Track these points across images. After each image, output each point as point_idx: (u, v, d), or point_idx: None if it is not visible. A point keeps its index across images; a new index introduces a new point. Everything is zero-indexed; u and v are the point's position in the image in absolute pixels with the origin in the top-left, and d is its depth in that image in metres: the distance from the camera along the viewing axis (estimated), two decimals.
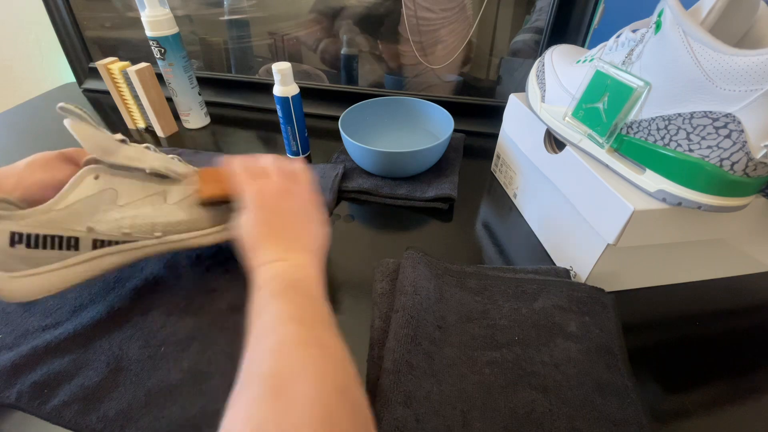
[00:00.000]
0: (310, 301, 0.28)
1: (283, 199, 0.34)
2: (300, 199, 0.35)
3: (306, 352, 0.23)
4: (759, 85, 0.26)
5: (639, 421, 0.29)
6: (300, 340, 0.24)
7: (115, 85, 0.64)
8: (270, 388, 0.21)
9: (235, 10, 0.73)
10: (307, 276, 0.30)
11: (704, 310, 0.39)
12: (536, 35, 0.61)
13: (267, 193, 0.34)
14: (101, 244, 0.34)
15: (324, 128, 0.68)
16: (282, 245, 0.31)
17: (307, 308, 0.27)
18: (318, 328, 0.26)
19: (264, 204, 0.33)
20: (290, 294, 0.27)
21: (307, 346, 0.23)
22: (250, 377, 0.22)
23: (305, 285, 0.29)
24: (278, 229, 0.32)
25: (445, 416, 0.29)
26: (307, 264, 0.31)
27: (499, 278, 0.39)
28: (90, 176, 0.33)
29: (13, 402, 0.31)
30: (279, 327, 0.24)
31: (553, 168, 0.42)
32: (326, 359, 0.24)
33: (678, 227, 0.34)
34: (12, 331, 0.36)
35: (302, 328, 0.25)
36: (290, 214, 0.34)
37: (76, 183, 0.32)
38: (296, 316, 0.25)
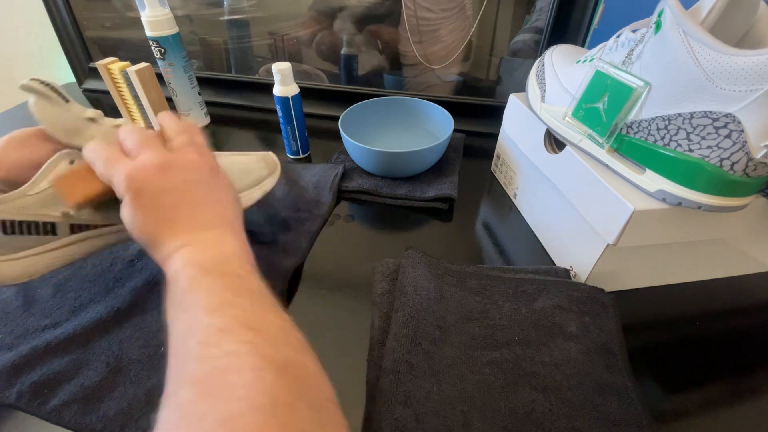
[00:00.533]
0: (230, 280, 0.25)
1: (162, 175, 0.28)
2: (182, 167, 0.29)
3: (233, 341, 0.21)
4: (759, 85, 0.26)
5: (639, 421, 0.29)
6: (224, 330, 0.21)
7: (115, 85, 0.64)
8: (199, 389, 0.19)
9: (235, 10, 0.73)
10: (221, 253, 0.26)
11: (704, 310, 0.39)
12: (536, 35, 0.61)
13: (143, 172, 0.28)
14: (79, 228, 0.33)
15: (324, 128, 0.68)
16: (180, 229, 0.27)
17: (228, 290, 0.24)
18: (245, 308, 0.23)
19: (139, 190, 0.28)
20: (204, 282, 0.24)
21: (234, 334, 0.21)
22: (176, 384, 0.20)
23: (222, 265, 0.25)
24: (168, 211, 0.28)
25: (445, 416, 0.29)
26: (218, 240, 0.27)
27: (499, 278, 0.39)
28: (65, 161, 0.31)
29: (13, 402, 0.31)
30: (199, 322, 0.22)
31: (553, 168, 0.42)
32: (257, 340, 0.21)
33: (678, 227, 0.34)
34: (12, 331, 0.36)
35: (225, 317, 0.22)
36: (176, 189, 0.28)
37: (50, 168, 0.31)
38: (216, 304, 0.23)
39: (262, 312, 0.24)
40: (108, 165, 0.29)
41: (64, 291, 0.40)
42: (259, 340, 0.21)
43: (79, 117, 0.32)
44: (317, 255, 0.45)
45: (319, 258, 0.45)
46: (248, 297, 0.24)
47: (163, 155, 0.29)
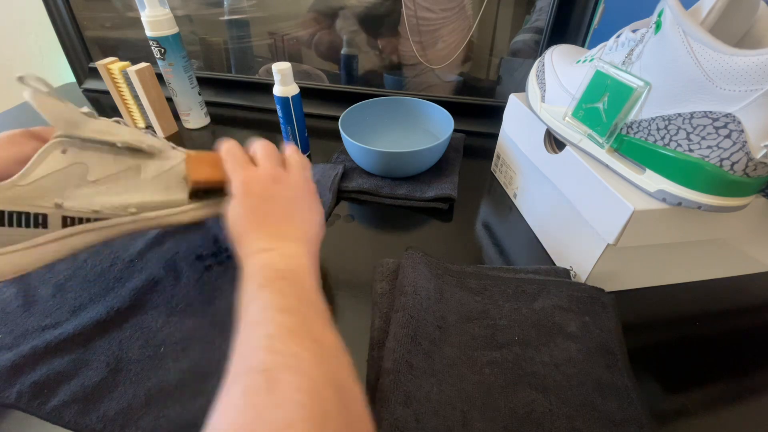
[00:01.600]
0: (301, 291, 0.27)
1: (271, 186, 0.33)
2: (290, 186, 0.34)
3: (298, 344, 0.22)
4: (759, 85, 0.26)
5: (639, 421, 0.29)
6: (291, 331, 0.23)
7: (115, 85, 0.64)
8: (261, 381, 0.20)
9: (235, 10, 0.73)
10: (298, 266, 0.29)
11: (704, 310, 0.39)
12: (536, 35, 0.61)
13: (254, 181, 0.33)
14: (71, 221, 0.32)
15: (324, 128, 0.68)
16: (270, 234, 0.30)
17: (299, 299, 0.26)
18: (310, 320, 0.25)
19: (251, 192, 0.32)
20: (279, 284, 0.26)
21: (299, 338, 0.23)
22: (240, 371, 0.21)
23: (296, 275, 0.28)
24: (266, 217, 0.32)
25: (445, 416, 0.29)
26: (298, 253, 0.30)
27: (499, 278, 0.39)
28: (57, 150, 0.31)
29: (13, 402, 0.31)
30: (269, 319, 0.24)
31: (553, 168, 0.42)
32: (319, 352, 0.23)
33: (678, 227, 0.34)
34: (11, 331, 0.36)
35: (293, 319, 0.24)
36: (279, 201, 0.33)
37: (42, 157, 0.30)
38: (286, 306, 0.25)
39: (323, 326, 0.25)
40: (236, 165, 0.34)
41: (64, 291, 0.40)
42: (320, 352, 0.23)
43: (77, 111, 0.32)
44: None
45: (319, 258, 0.44)
46: (313, 309, 0.26)
47: (278, 171, 0.35)
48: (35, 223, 0.31)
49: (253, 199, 0.32)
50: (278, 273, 0.27)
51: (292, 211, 0.33)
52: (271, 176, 0.34)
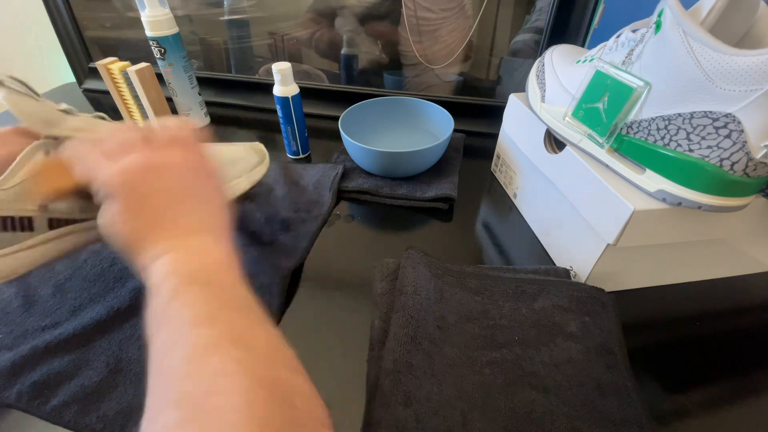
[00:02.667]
0: (218, 291, 0.23)
1: (154, 175, 0.27)
2: (179, 169, 0.28)
3: (220, 358, 0.19)
4: (759, 85, 0.26)
5: (639, 421, 0.29)
6: (211, 344, 0.20)
7: (115, 85, 0.64)
8: (185, 412, 0.17)
9: (235, 10, 0.73)
10: (208, 262, 0.25)
11: (704, 310, 0.39)
12: (536, 35, 0.61)
13: (130, 174, 0.27)
14: (58, 223, 0.31)
15: (324, 128, 0.68)
16: (166, 233, 0.26)
17: (217, 302, 0.22)
18: (234, 323, 0.22)
19: (129, 188, 0.26)
20: (191, 290, 0.22)
21: (221, 351, 0.20)
22: (159, 405, 0.19)
23: (208, 273, 0.24)
24: (155, 214, 0.26)
25: (445, 416, 0.29)
26: (205, 247, 0.26)
27: (499, 278, 0.39)
28: (39, 151, 0.30)
29: (13, 402, 0.31)
30: (184, 336, 0.20)
31: (553, 168, 0.42)
32: (248, 358, 0.20)
33: (678, 227, 0.34)
34: (11, 332, 0.36)
35: (212, 330, 0.21)
36: (168, 191, 0.27)
37: (25, 160, 0.29)
38: (201, 317, 0.21)
39: (250, 327, 0.22)
40: (89, 166, 0.28)
41: (64, 291, 0.40)
42: (248, 358, 0.20)
43: (53, 110, 0.31)
44: (317, 255, 0.45)
45: (319, 258, 0.45)
46: (236, 310, 0.23)
47: (146, 157, 0.28)
48: (21, 227, 0.30)
49: (133, 197, 0.26)
50: (185, 278, 0.23)
51: (186, 198, 0.28)
52: (151, 164, 0.27)
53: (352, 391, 0.32)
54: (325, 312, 0.39)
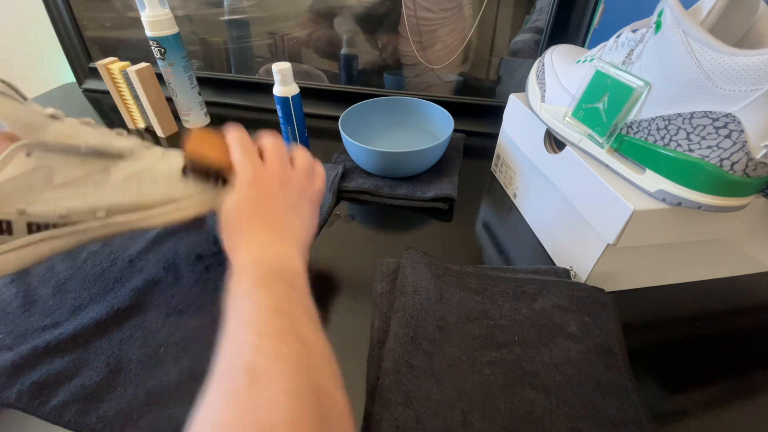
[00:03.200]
0: (294, 292, 0.27)
1: (278, 185, 0.33)
2: (295, 188, 0.34)
3: (286, 346, 0.22)
4: (759, 85, 0.26)
5: (639, 421, 0.29)
6: (281, 332, 0.23)
7: (115, 85, 0.64)
8: (246, 380, 0.20)
9: (235, 10, 0.73)
10: (292, 267, 0.29)
11: (704, 310, 0.39)
12: (536, 35, 0.61)
13: (263, 175, 0.32)
14: (37, 227, 0.31)
15: (324, 128, 0.68)
16: (269, 232, 0.30)
17: (291, 300, 0.26)
18: (301, 322, 0.25)
19: (258, 185, 0.32)
20: (273, 283, 0.26)
21: (288, 340, 0.23)
22: (225, 369, 0.22)
23: (290, 276, 0.28)
24: (269, 215, 0.31)
25: (445, 416, 0.29)
26: (293, 256, 0.30)
27: (499, 278, 0.39)
28: (21, 153, 0.29)
29: (13, 402, 0.31)
30: (260, 317, 0.23)
31: (553, 168, 0.42)
32: (307, 356, 0.23)
33: (678, 227, 0.34)
34: (11, 332, 0.36)
35: (284, 320, 0.24)
36: (283, 202, 0.32)
37: (6, 161, 0.29)
38: (279, 307, 0.24)
39: (314, 332, 0.25)
40: (245, 155, 0.33)
41: (64, 291, 0.40)
42: (306, 354, 0.23)
43: (38, 113, 0.31)
44: (317, 255, 0.45)
45: (319, 258, 0.44)
46: (305, 314, 0.26)
47: (287, 171, 0.34)
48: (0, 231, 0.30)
49: (258, 193, 0.31)
50: (273, 272, 0.27)
51: (293, 214, 0.33)
52: (279, 175, 0.33)
53: (352, 391, 0.32)
54: (325, 312, 0.39)
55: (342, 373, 0.34)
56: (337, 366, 0.24)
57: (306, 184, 0.35)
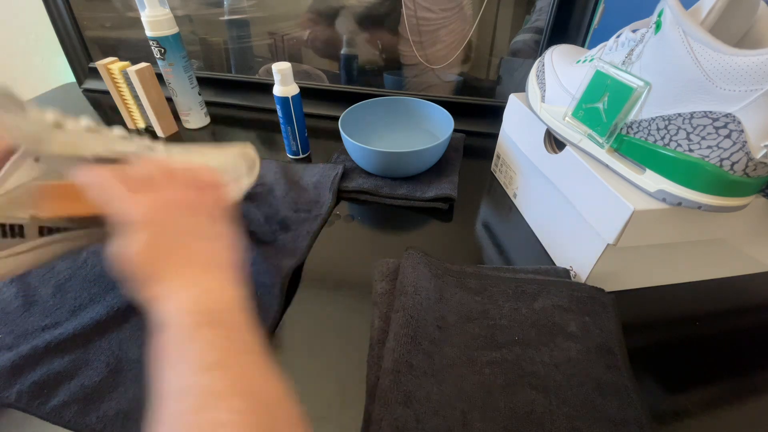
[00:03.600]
0: (232, 335, 0.24)
1: (178, 212, 0.28)
2: (201, 209, 0.30)
3: (225, 410, 0.20)
4: (759, 85, 0.26)
5: (639, 421, 0.29)
6: (218, 393, 0.20)
7: (115, 85, 0.64)
8: None
9: (235, 10, 0.73)
10: (225, 301, 0.25)
11: (704, 310, 0.39)
12: (536, 35, 0.61)
13: (156, 208, 0.27)
14: (48, 231, 0.32)
15: (324, 128, 0.68)
16: (182, 269, 0.26)
17: (229, 346, 0.23)
18: (245, 369, 0.22)
19: (154, 220, 0.27)
20: (204, 333, 0.23)
21: (226, 400, 0.20)
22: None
23: (223, 315, 0.24)
24: (174, 250, 0.27)
25: (445, 416, 0.29)
26: (218, 285, 0.26)
27: (499, 278, 0.39)
28: (29, 158, 0.30)
29: (12, 402, 0.31)
30: (192, 382, 0.21)
31: (553, 168, 0.42)
32: (249, 409, 0.21)
33: (678, 227, 0.34)
34: (11, 332, 0.36)
35: (222, 376, 0.21)
36: (187, 229, 0.28)
37: (15, 167, 0.29)
38: (214, 362, 0.22)
39: (258, 375, 0.23)
40: (111, 196, 0.28)
41: (64, 291, 0.40)
42: (250, 410, 0.20)
43: (40, 123, 0.30)
44: (317, 255, 0.45)
45: (319, 258, 0.45)
46: (246, 354, 0.23)
47: (171, 195, 0.29)
48: (11, 234, 0.30)
49: (157, 229, 0.27)
50: (202, 317, 0.23)
51: (202, 236, 0.28)
52: (177, 201, 0.29)
53: (352, 391, 0.32)
54: (325, 312, 0.39)
55: (342, 373, 0.34)
56: (293, 405, 0.22)
57: (203, 199, 0.31)
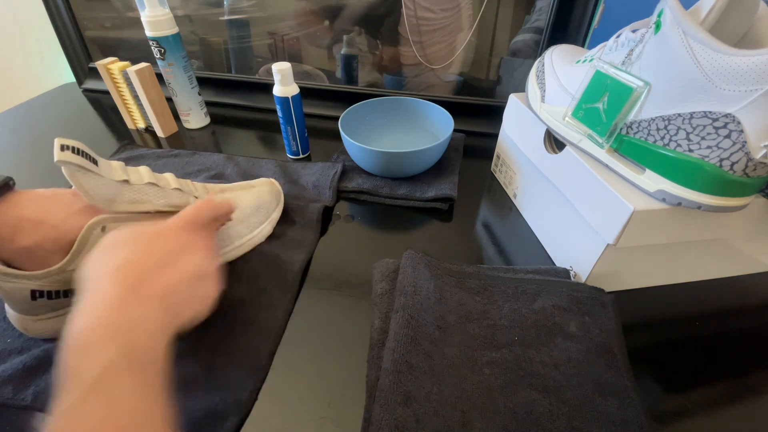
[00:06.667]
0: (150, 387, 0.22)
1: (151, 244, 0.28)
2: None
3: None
4: (759, 85, 0.26)
5: (639, 421, 0.29)
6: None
7: (115, 85, 0.64)
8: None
9: (235, 10, 0.73)
10: (155, 346, 0.24)
11: (704, 310, 0.39)
12: (536, 35, 0.61)
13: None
14: None
15: (324, 128, 0.68)
16: (133, 299, 0.24)
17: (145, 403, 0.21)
18: None
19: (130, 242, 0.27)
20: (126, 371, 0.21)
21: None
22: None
23: (149, 362, 0.23)
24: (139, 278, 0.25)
25: (444, 416, 0.29)
26: (163, 327, 0.25)
27: (498, 278, 0.39)
28: (96, 230, 0.32)
29: (29, 403, 0.31)
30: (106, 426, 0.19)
31: (553, 168, 0.42)
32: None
33: (678, 227, 0.34)
34: (20, 335, 0.35)
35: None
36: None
37: (85, 240, 0.31)
38: None
39: None
40: None
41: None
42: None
43: (112, 181, 0.33)
44: (317, 255, 0.45)
45: (319, 258, 0.45)
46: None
47: None
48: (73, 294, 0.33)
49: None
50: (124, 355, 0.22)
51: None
52: None
53: (352, 391, 0.32)
54: (325, 312, 0.39)
55: (342, 373, 0.34)
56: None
57: None
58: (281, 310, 0.38)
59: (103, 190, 0.32)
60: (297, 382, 0.33)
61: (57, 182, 0.34)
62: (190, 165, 0.57)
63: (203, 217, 0.33)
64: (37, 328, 0.34)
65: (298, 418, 0.31)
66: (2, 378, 0.32)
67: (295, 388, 0.33)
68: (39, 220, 0.31)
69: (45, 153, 0.38)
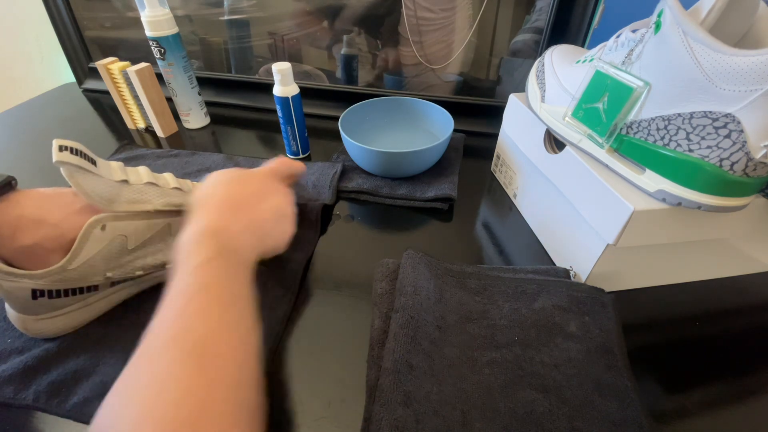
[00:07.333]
0: (241, 276, 0.28)
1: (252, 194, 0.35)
2: (273, 198, 0.36)
3: (230, 317, 0.25)
4: (759, 85, 0.26)
5: (639, 421, 0.29)
6: (225, 304, 0.25)
7: (115, 85, 0.64)
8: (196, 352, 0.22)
9: (235, 10, 0.73)
10: (245, 254, 0.30)
11: (704, 310, 0.39)
12: (536, 35, 0.61)
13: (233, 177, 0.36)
14: (118, 282, 0.36)
15: (324, 128, 0.68)
16: (231, 219, 0.32)
17: (236, 284, 0.27)
18: (242, 307, 0.26)
19: (231, 181, 0.35)
20: (223, 261, 0.27)
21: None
22: (174, 338, 0.23)
23: (240, 262, 0.29)
24: (236, 206, 0.33)
25: (444, 416, 0.29)
26: (251, 246, 0.31)
27: (498, 278, 0.39)
28: (96, 228, 0.32)
29: (30, 402, 0.31)
30: (204, 292, 0.25)
31: (553, 168, 0.42)
32: (246, 333, 0.25)
33: (678, 227, 0.34)
34: (20, 336, 0.35)
35: (229, 299, 0.26)
36: (258, 206, 0.34)
37: (85, 239, 0.32)
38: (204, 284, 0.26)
39: (250, 315, 0.27)
40: None
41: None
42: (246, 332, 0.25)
43: (111, 181, 0.33)
44: (317, 255, 0.45)
45: (319, 258, 0.45)
46: (245, 297, 0.27)
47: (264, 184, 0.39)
48: (87, 290, 0.34)
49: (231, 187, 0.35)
50: (226, 251, 0.28)
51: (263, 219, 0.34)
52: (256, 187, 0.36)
53: (352, 391, 0.32)
54: (325, 312, 0.39)
55: (342, 373, 0.34)
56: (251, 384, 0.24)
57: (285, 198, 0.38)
58: (281, 310, 0.38)
59: (102, 190, 0.33)
60: (297, 382, 0.33)
61: (57, 182, 0.34)
62: (189, 165, 0.57)
63: (283, 171, 0.40)
64: (37, 328, 0.34)
65: (298, 417, 0.31)
66: (3, 378, 0.32)
67: (294, 388, 0.33)
68: (39, 219, 0.31)
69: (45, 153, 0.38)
